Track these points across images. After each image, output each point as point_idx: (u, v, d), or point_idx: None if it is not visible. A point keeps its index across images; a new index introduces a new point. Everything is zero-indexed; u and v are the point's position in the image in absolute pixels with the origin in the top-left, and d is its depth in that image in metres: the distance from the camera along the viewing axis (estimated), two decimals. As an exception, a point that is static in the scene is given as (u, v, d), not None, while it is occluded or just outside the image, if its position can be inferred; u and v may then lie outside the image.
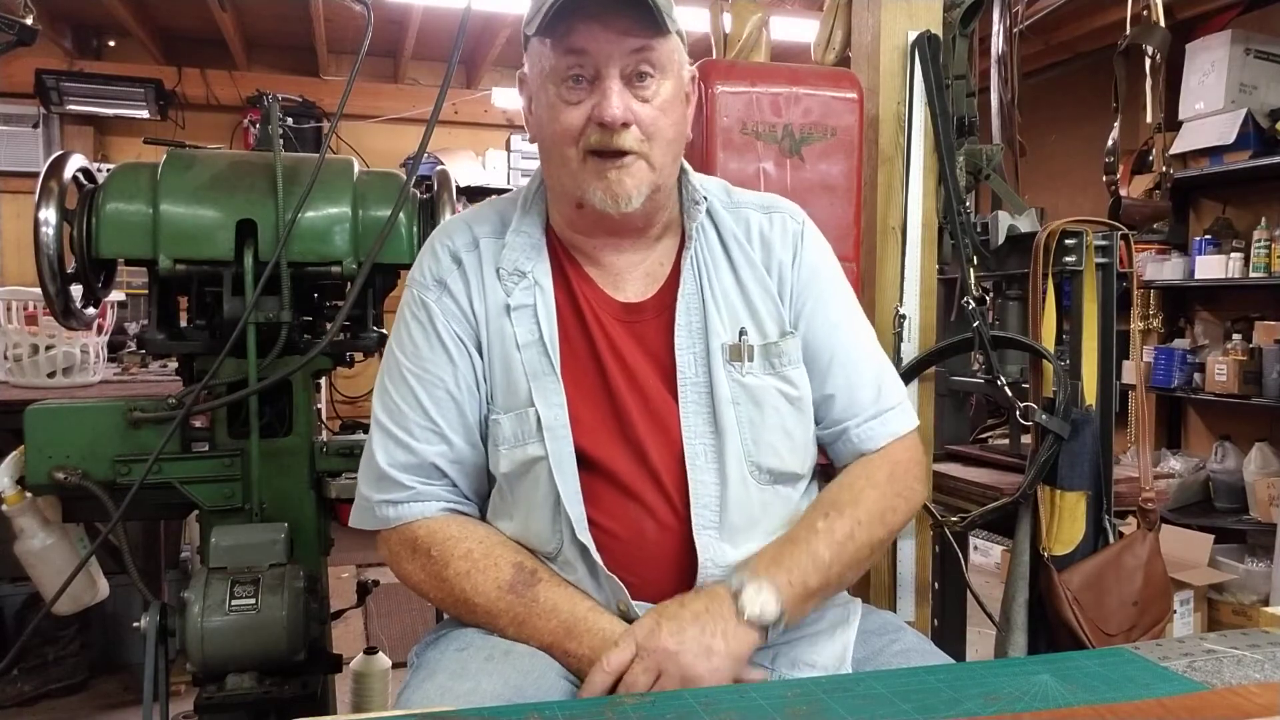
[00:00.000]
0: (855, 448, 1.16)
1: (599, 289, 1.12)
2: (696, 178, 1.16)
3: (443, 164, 4.99)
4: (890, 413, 1.17)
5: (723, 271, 1.13)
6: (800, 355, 1.13)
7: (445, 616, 1.21)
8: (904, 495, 1.15)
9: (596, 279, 1.12)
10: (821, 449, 1.20)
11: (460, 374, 1.09)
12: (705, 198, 1.15)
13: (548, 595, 1.03)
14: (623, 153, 1.03)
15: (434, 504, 1.10)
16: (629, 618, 1.04)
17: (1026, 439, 1.84)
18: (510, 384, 1.08)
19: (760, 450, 1.08)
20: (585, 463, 1.06)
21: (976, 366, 2.00)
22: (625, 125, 1.01)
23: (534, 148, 1.13)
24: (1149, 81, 2.37)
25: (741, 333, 1.10)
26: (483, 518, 1.15)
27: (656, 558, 1.05)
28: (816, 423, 1.16)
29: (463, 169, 5.40)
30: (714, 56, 1.97)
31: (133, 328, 3.73)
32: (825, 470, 1.22)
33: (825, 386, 1.15)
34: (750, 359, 1.09)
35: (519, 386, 1.07)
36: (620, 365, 1.08)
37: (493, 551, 1.06)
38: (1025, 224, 1.83)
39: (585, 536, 1.03)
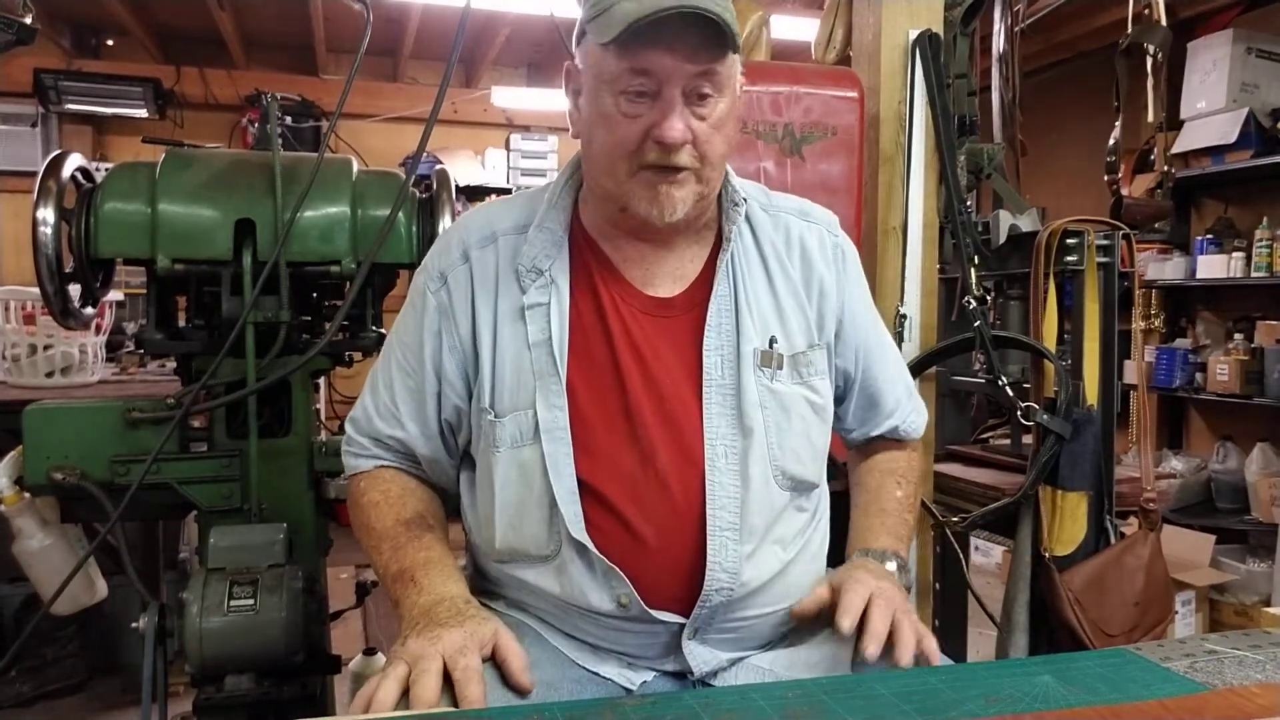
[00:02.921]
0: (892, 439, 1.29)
1: (627, 283, 1.11)
2: (736, 180, 1.15)
3: (442, 163, 4.99)
4: (916, 411, 1.30)
5: (757, 277, 1.13)
6: (826, 366, 1.15)
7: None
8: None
9: (625, 274, 1.11)
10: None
11: (428, 372, 1.12)
12: (745, 200, 1.14)
13: (432, 545, 1.09)
14: (677, 169, 1.02)
15: (374, 461, 1.19)
16: (630, 613, 1.03)
17: (1027, 439, 1.84)
18: (519, 384, 1.07)
19: (785, 455, 1.08)
20: (588, 465, 1.04)
21: (978, 366, 2.00)
22: (683, 145, 1.01)
23: (533, 146, 1.13)
24: (1150, 80, 2.37)
25: (772, 341, 1.10)
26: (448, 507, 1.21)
27: (659, 561, 1.04)
28: (856, 426, 1.27)
29: (462, 168, 5.40)
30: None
31: (131, 327, 3.73)
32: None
33: (877, 393, 1.24)
34: (780, 367, 1.10)
35: (526, 387, 1.06)
36: (639, 364, 1.07)
37: (407, 494, 1.16)
38: (1026, 223, 1.82)
39: (581, 535, 1.02)
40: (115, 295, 2.79)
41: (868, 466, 1.27)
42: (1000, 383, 1.73)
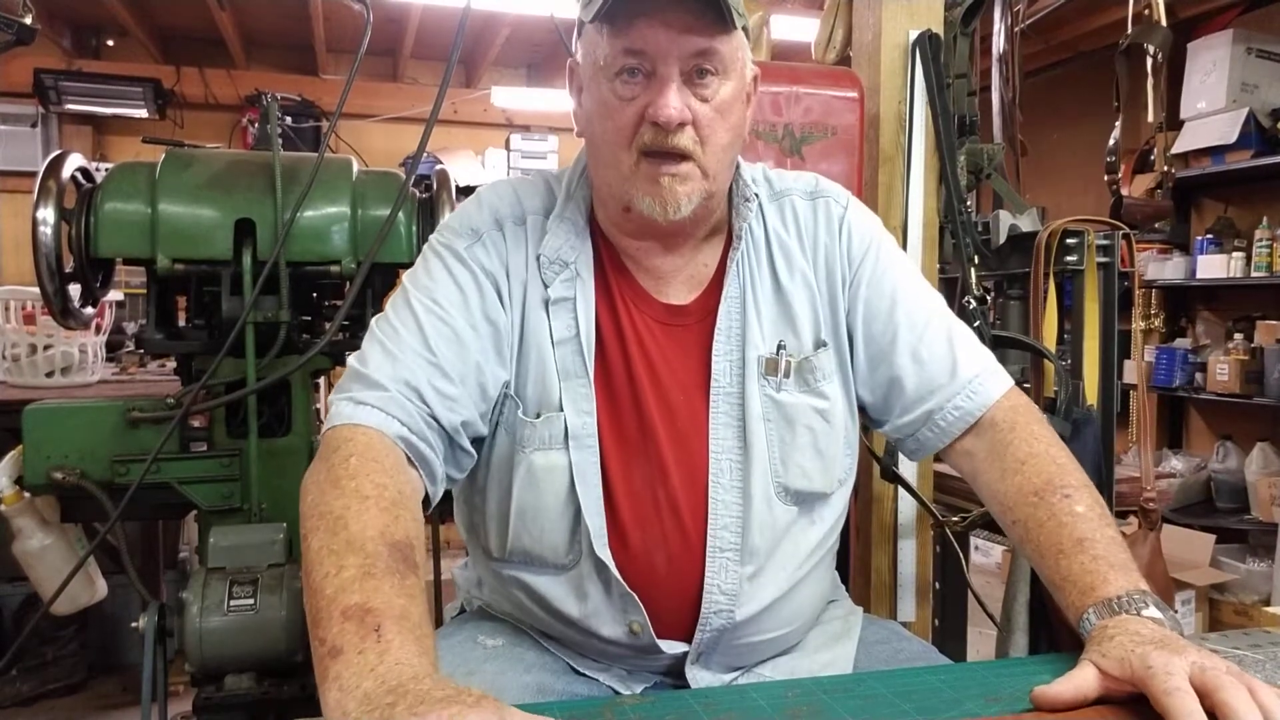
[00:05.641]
0: (948, 428, 1.05)
1: (641, 288, 1.05)
2: (746, 170, 1.09)
3: (442, 163, 4.98)
4: (976, 381, 1.05)
5: (764, 275, 1.06)
6: (835, 367, 1.06)
7: (441, 622, 1.19)
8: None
9: (639, 279, 1.05)
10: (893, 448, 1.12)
11: (472, 310, 0.98)
12: (756, 194, 1.07)
13: (413, 591, 0.77)
14: (678, 155, 0.95)
15: (396, 424, 0.90)
16: (638, 642, 1.00)
17: (1028, 439, 1.83)
18: (543, 382, 1.00)
19: (788, 471, 1.02)
20: (606, 474, 1.00)
21: (977, 366, 1.99)
22: (681, 125, 0.93)
23: (533, 146, 1.09)
24: (1150, 81, 2.37)
25: (780, 346, 1.04)
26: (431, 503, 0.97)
27: (670, 577, 1.00)
28: (888, 415, 1.08)
29: (462, 168, 5.40)
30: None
31: (131, 327, 3.73)
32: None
33: (892, 369, 1.06)
34: (787, 375, 1.03)
35: (551, 387, 1.00)
36: (650, 372, 1.02)
37: (403, 501, 0.85)
38: (1026, 223, 1.82)
39: (605, 553, 0.97)
40: (115, 295, 2.79)
41: (995, 495, 1.00)
42: (1000, 383, 1.72)
